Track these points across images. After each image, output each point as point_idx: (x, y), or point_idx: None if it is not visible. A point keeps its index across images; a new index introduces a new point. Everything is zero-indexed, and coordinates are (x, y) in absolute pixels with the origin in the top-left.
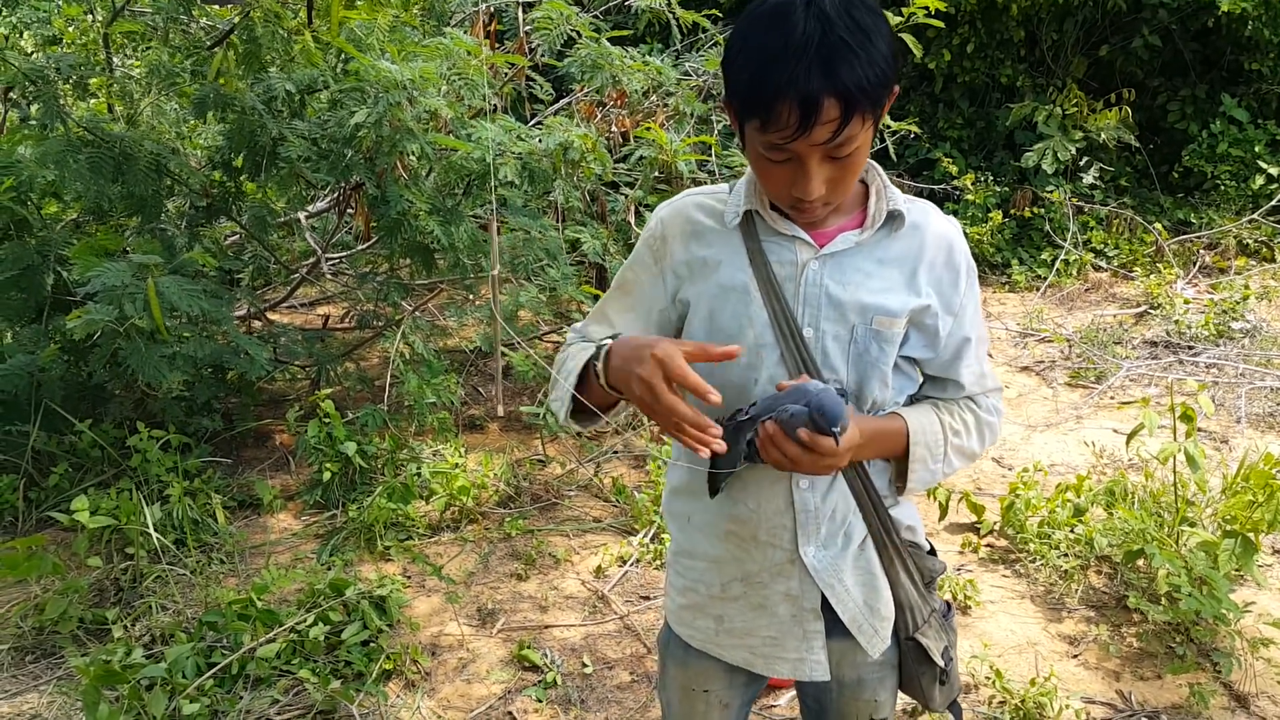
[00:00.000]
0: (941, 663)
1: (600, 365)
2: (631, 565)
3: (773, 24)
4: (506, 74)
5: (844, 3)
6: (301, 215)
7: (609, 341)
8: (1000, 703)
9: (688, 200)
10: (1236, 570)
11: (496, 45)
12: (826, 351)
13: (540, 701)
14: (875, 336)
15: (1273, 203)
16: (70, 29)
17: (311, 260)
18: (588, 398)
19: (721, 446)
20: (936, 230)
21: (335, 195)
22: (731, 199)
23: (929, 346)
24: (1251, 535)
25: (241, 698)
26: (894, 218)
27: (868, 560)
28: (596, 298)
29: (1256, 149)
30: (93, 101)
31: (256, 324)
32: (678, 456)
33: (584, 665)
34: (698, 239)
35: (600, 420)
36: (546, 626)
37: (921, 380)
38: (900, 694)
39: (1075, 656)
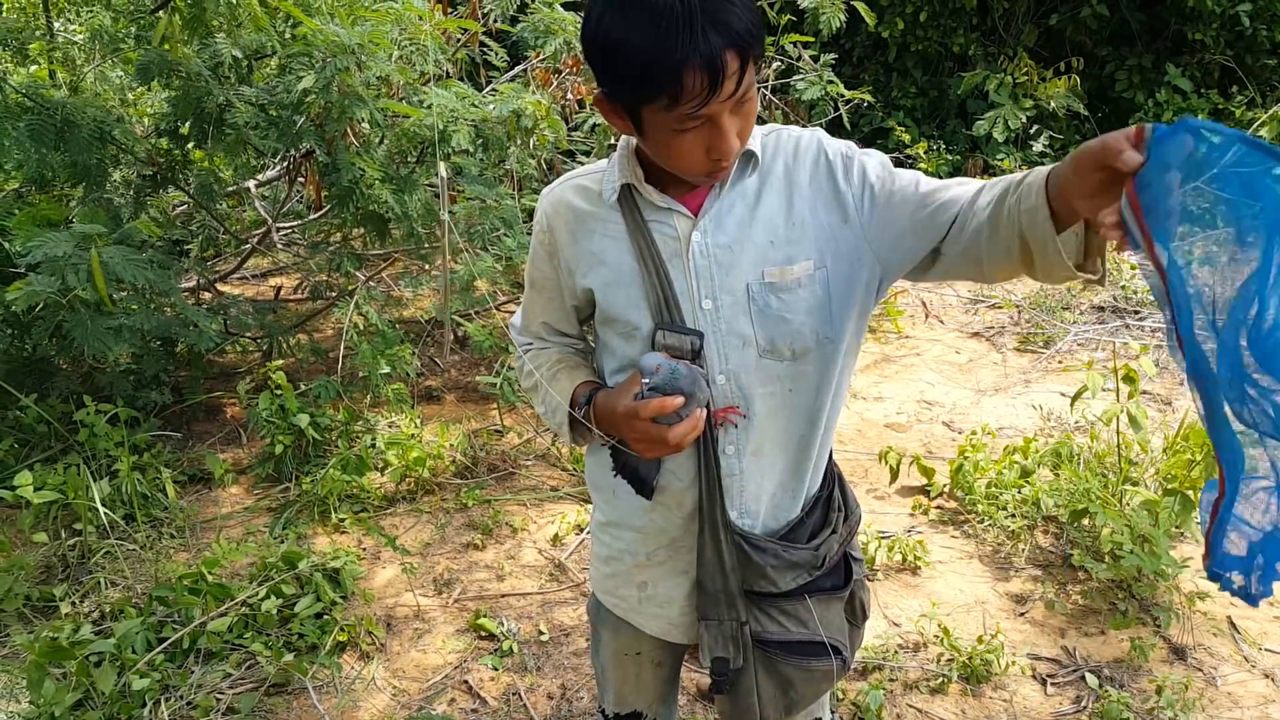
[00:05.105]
0: (706, 664)
1: (590, 421)
2: (589, 533)
3: (636, 5)
4: (459, 40)
5: None
6: (251, 184)
7: (584, 399)
8: (948, 660)
9: (566, 186)
10: (1176, 527)
11: (449, 10)
12: (732, 319)
13: (496, 670)
14: (770, 289)
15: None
16: None
17: (262, 230)
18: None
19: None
20: (799, 150)
21: (285, 163)
22: (608, 175)
23: (897, 238)
24: (1190, 493)
25: (193, 672)
26: (749, 157)
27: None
28: None
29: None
30: (33, 68)
31: (206, 295)
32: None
33: (540, 633)
34: (582, 228)
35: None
36: (503, 595)
37: (942, 243)
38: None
39: (1022, 614)
